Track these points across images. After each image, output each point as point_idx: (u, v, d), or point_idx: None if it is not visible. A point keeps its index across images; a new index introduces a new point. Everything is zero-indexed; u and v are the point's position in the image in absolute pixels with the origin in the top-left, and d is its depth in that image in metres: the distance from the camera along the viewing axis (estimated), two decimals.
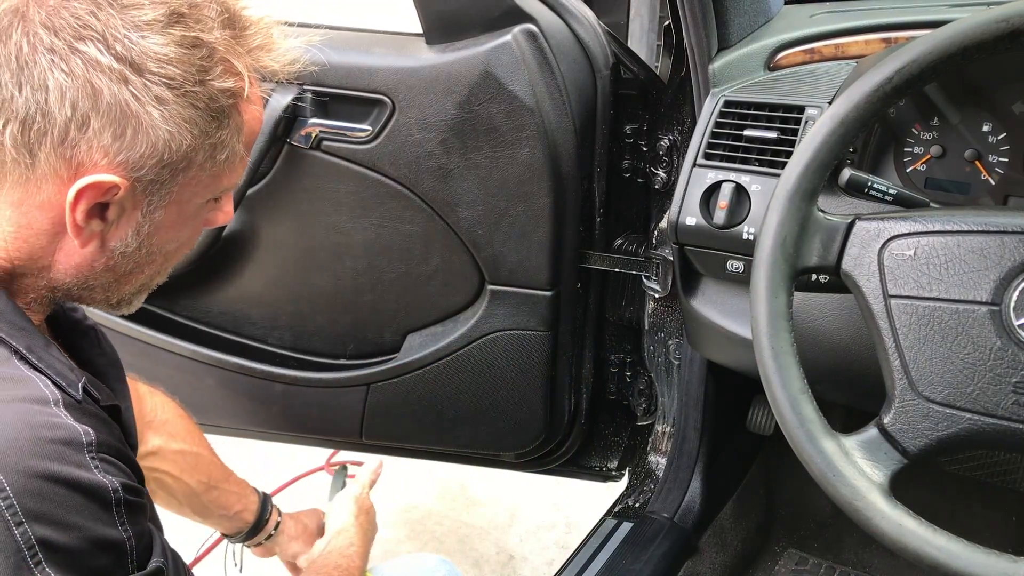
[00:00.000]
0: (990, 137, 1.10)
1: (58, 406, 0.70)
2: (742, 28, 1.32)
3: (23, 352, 0.73)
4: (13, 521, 0.64)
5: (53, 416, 0.69)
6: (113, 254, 0.79)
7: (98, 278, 0.81)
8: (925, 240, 0.85)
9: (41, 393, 0.70)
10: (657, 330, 1.58)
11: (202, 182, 0.80)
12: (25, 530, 0.64)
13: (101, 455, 0.70)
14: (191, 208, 0.81)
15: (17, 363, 0.72)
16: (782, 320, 0.87)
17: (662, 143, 1.45)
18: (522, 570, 2.33)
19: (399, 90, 1.39)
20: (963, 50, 0.81)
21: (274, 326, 1.67)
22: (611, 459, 1.75)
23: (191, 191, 0.80)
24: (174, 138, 0.74)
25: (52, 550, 0.65)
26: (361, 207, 1.49)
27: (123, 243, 0.79)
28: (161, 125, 0.73)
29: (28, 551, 0.64)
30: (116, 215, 0.76)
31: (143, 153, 0.73)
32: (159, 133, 0.73)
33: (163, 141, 0.73)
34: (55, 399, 0.71)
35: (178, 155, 0.75)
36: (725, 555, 1.64)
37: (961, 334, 0.83)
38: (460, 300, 1.54)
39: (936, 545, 0.78)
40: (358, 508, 1.34)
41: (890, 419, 0.85)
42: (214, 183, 0.81)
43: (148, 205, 0.77)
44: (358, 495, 1.37)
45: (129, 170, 0.73)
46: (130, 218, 0.77)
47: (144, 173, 0.74)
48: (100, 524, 0.69)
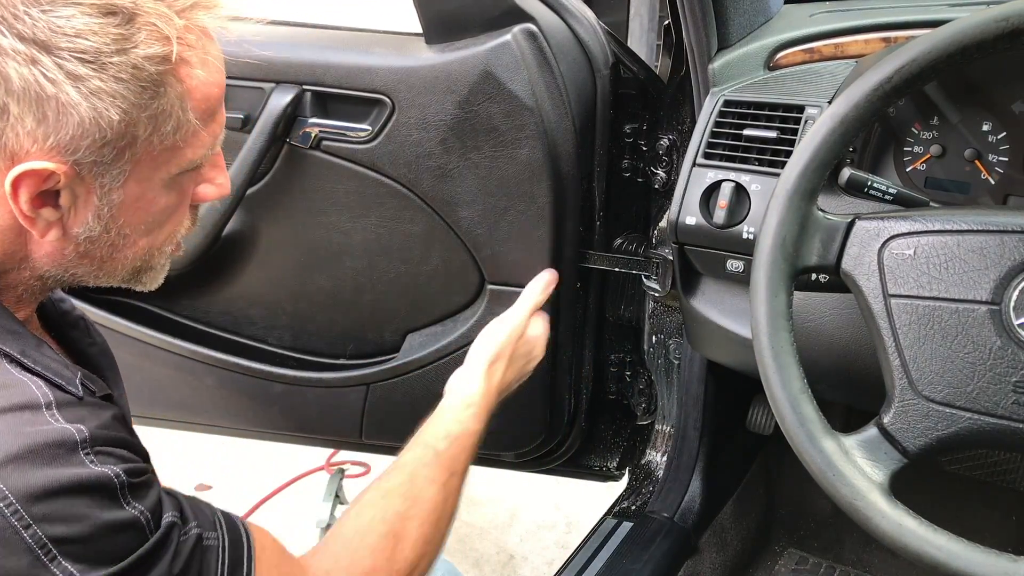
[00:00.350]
0: (990, 136, 1.10)
1: (50, 408, 0.70)
2: (742, 27, 1.32)
3: (15, 356, 0.73)
4: (21, 524, 0.65)
5: (43, 423, 0.69)
6: (79, 240, 0.77)
7: (76, 266, 0.80)
8: (925, 239, 0.85)
9: (33, 397, 0.70)
10: (657, 330, 1.58)
11: (158, 157, 0.77)
12: (35, 531, 0.65)
13: (96, 449, 0.70)
14: (155, 185, 0.78)
15: (9, 367, 0.72)
16: (782, 320, 0.87)
17: (662, 143, 1.45)
18: (522, 570, 2.33)
19: (399, 90, 1.39)
20: (963, 49, 0.81)
21: (274, 326, 1.67)
22: (611, 459, 1.75)
23: (148, 168, 0.77)
24: (101, 115, 0.70)
25: (65, 543, 0.66)
26: (361, 207, 1.49)
27: (86, 228, 0.77)
28: (82, 103, 0.69)
29: (41, 549, 0.65)
30: (69, 201, 0.74)
31: (72, 135, 0.70)
32: (82, 112, 0.70)
33: (89, 120, 0.70)
34: (47, 402, 0.71)
35: (114, 132, 0.72)
36: (725, 555, 1.64)
37: (961, 333, 0.83)
38: (460, 300, 1.54)
39: (936, 544, 0.78)
40: (498, 349, 1.24)
41: (890, 418, 0.85)
42: (174, 157, 0.78)
43: (101, 188, 0.75)
44: (512, 326, 1.26)
45: (64, 154, 0.71)
46: (86, 203, 0.75)
47: (82, 155, 0.72)
48: (109, 511, 0.69)
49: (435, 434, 1.12)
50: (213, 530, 0.79)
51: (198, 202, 0.87)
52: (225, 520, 0.82)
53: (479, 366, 1.22)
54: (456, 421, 1.14)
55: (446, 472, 1.07)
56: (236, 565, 0.80)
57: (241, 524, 0.84)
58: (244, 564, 0.80)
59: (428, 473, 1.06)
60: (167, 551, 0.73)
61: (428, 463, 1.07)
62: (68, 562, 0.66)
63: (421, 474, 1.06)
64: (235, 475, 2.66)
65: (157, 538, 0.72)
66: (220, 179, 0.87)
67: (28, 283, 0.81)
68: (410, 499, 1.03)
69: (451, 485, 1.08)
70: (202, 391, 1.70)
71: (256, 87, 1.45)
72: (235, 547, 0.80)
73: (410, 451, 1.10)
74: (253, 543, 0.83)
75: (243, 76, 1.46)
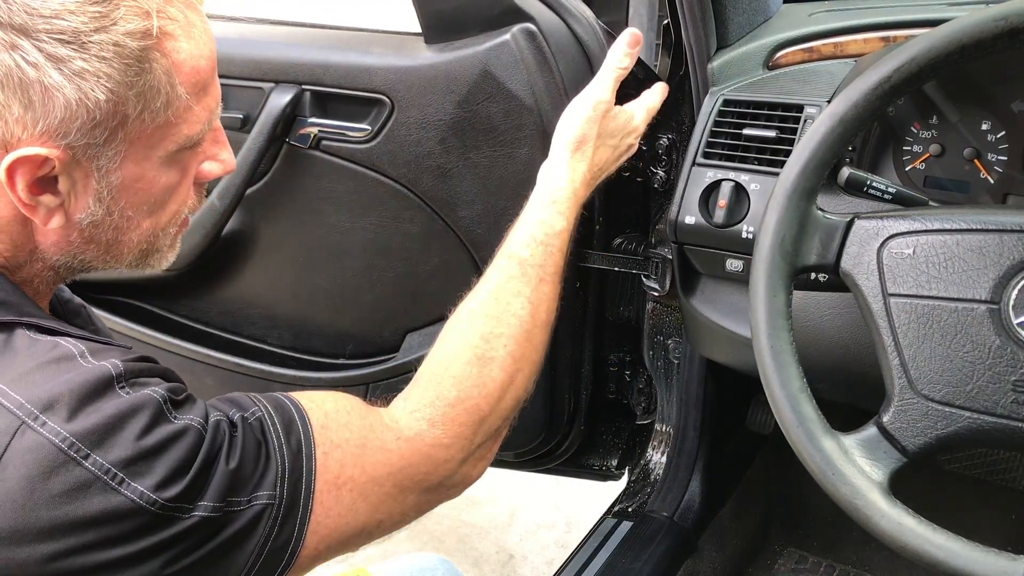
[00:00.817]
0: (989, 135, 1.10)
1: (83, 357, 0.72)
2: (741, 27, 1.32)
3: (38, 324, 0.74)
4: (80, 456, 0.66)
5: (82, 367, 0.71)
6: (83, 225, 0.77)
7: (84, 252, 0.80)
8: (924, 239, 0.85)
9: (65, 350, 0.72)
10: (656, 329, 1.58)
11: (152, 135, 0.76)
12: (95, 459, 0.67)
13: (132, 380, 0.72)
14: (153, 164, 0.78)
15: (35, 335, 0.73)
16: (781, 319, 0.87)
17: (661, 142, 1.44)
18: (522, 569, 2.33)
19: (398, 89, 1.39)
20: (962, 49, 0.81)
21: (273, 326, 1.67)
22: (611, 458, 1.75)
23: (143, 147, 0.76)
24: (87, 96, 0.70)
25: (128, 465, 0.68)
26: (360, 206, 1.49)
27: (89, 213, 0.77)
28: (66, 85, 0.69)
29: (107, 475, 0.67)
30: (68, 186, 0.74)
31: (61, 118, 0.70)
32: (67, 94, 0.69)
33: (76, 101, 0.69)
34: (79, 351, 0.72)
35: (103, 113, 0.71)
36: (725, 554, 1.64)
37: (960, 332, 0.83)
38: (460, 299, 1.54)
39: (936, 543, 0.78)
40: (582, 130, 1.12)
41: (889, 418, 0.85)
42: (169, 133, 0.77)
43: (98, 170, 0.74)
44: (594, 100, 1.13)
45: (55, 138, 0.71)
46: (86, 187, 0.75)
47: (74, 138, 0.71)
48: (160, 427, 0.71)
49: (519, 240, 1.06)
50: (254, 405, 0.80)
51: (203, 180, 0.86)
52: (264, 396, 0.82)
53: (562, 153, 1.12)
54: (540, 223, 1.07)
55: (534, 280, 1.03)
56: (289, 425, 0.80)
57: (280, 394, 0.84)
58: (298, 422, 0.80)
59: (513, 286, 1.02)
60: (221, 449, 0.74)
61: (513, 275, 1.03)
62: (136, 481, 0.68)
63: (506, 288, 1.02)
64: None
65: (209, 439, 0.73)
66: (223, 155, 0.86)
67: (42, 275, 0.81)
68: (494, 318, 0.99)
69: (541, 292, 1.03)
70: (202, 391, 1.67)
71: (255, 87, 1.46)
72: (281, 410, 0.80)
73: (495, 263, 1.06)
74: (301, 403, 0.82)
75: (242, 76, 1.46)
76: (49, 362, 0.70)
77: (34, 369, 0.69)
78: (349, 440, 0.84)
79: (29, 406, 0.67)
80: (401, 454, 0.88)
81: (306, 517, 0.78)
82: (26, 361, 0.70)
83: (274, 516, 0.76)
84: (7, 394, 0.67)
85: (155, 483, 0.68)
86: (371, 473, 0.84)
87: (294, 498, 0.77)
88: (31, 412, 0.66)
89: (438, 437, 0.91)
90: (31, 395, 0.67)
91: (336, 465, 0.81)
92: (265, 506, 0.75)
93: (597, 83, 1.16)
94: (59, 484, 0.66)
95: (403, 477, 0.88)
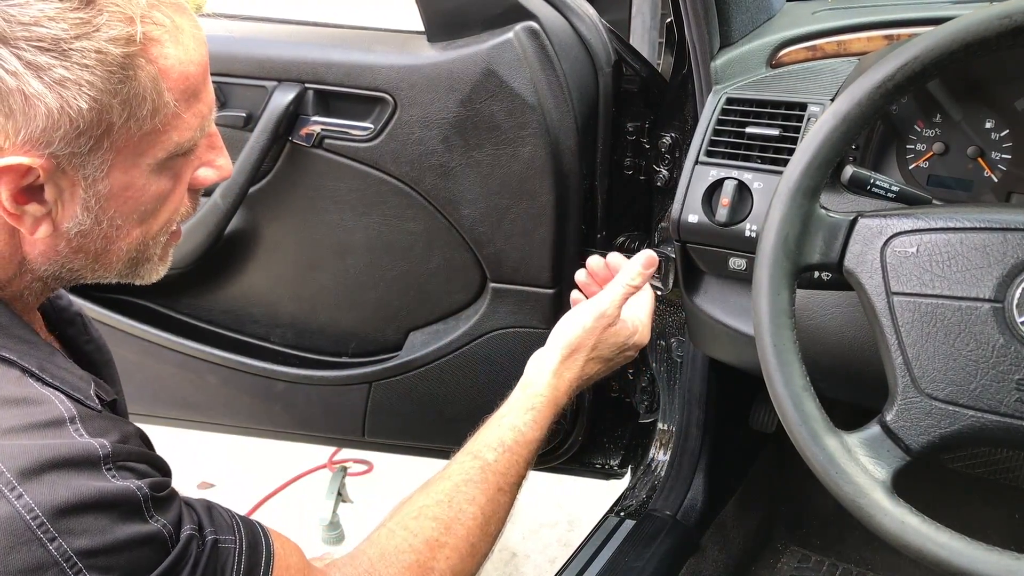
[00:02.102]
0: (993, 134, 1.10)
1: (74, 423, 0.70)
2: (744, 25, 1.32)
3: (34, 371, 0.73)
4: (47, 538, 0.65)
5: (69, 439, 0.69)
6: (71, 235, 0.76)
7: (72, 261, 0.79)
8: (928, 237, 0.85)
9: (58, 413, 0.70)
10: (659, 328, 1.58)
11: (140, 143, 0.74)
12: (60, 544, 0.65)
13: (119, 464, 0.71)
14: (142, 172, 0.76)
15: (31, 382, 0.72)
16: (784, 317, 0.87)
17: (664, 141, 1.44)
18: (524, 568, 2.33)
19: (401, 88, 1.39)
20: (965, 47, 0.81)
21: (276, 324, 1.67)
22: (613, 457, 1.75)
23: (131, 155, 0.74)
24: (70, 104, 0.68)
25: (90, 556, 0.66)
26: (363, 205, 1.49)
27: (76, 222, 0.75)
28: (47, 93, 0.67)
29: (67, 562, 0.65)
30: (54, 195, 0.73)
31: (43, 127, 0.68)
32: (49, 102, 0.67)
33: (58, 110, 0.68)
34: (71, 416, 0.71)
35: (86, 121, 0.69)
36: (727, 553, 1.64)
37: (964, 331, 0.83)
38: (462, 298, 1.54)
39: (939, 542, 0.78)
40: (577, 339, 1.09)
41: (893, 416, 0.85)
42: (157, 141, 0.75)
43: (85, 179, 0.73)
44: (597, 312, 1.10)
45: (38, 147, 0.69)
46: (72, 196, 0.74)
47: (57, 147, 0.70)
48: (133, 525, 0.69)
49: (487, 443, 1.04)
50: (230, 534, 0.79)
51: (198, 187, 0.84)
52: (244, 524, 0.81)
53: (553, 357, 1.10)
54: (512, 428, 1.05)
55: (492, 488, 1.00)
56: (253, 568, 0.79)
57: (261, 530, 0.82)
58: (261, 567, 0.79)
59: (470, 492, 0.98)
60: (187, 564, 0.72)
61: (472, 479, 0.99)
62: (93, 575, 0.66)
63: (462, 493, 0.98)
64: (237, 473, 2.66)
65: (177, 552, 0.72)
66: (219, 161, 0.84)
67: (31, 286, 0.80)
68: (445, 524, 0.96)
69: (498, 501, 1.00)
70: (205, 389, 1.70)
71: (258, 85, 1.45)
72: (253, 551, 0.79)
73: (458, 460, 1.03)
74: (273, 549, 0.81)
75: (245, 75, 1.46)
76: (39, 424, 0.69)
77: (21, 430, 0.68)
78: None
79: (8, 474, 0.65)
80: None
81: None
82: (16, 416, 0.69)
83: None
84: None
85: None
86: None
87: None
88: (8, 481, 0.65)
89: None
90: (12, 460, 0.66)
91: None
92: None
93: (604, 296, 1.13)
94: (18, 560, 0.64)
95: None
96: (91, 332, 0.96)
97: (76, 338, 0.92)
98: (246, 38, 1.52)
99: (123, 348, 1.63)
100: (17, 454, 0.66)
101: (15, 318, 0.77)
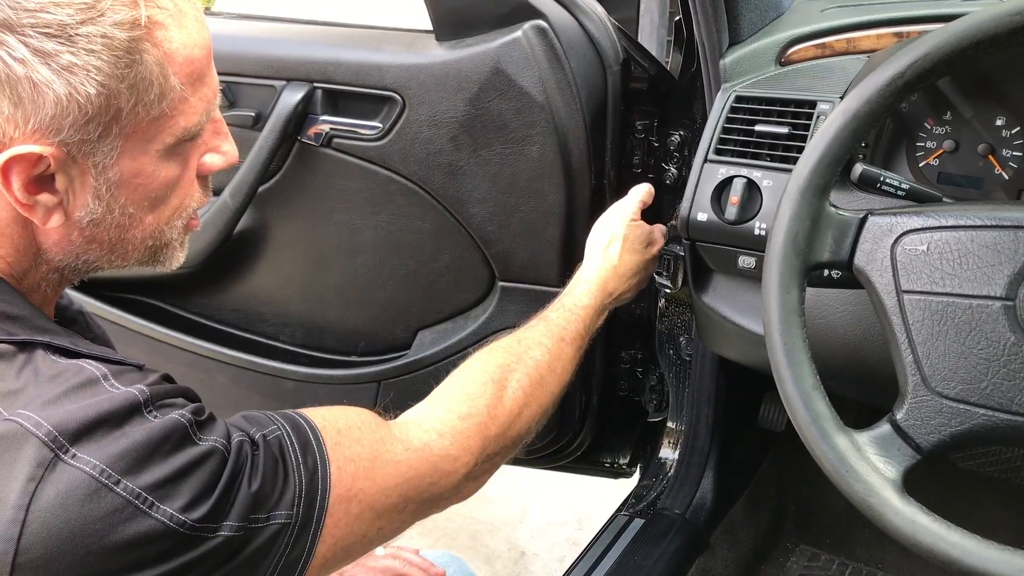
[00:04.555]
0: (1004, 131, 1.10)
1: (107, 379, 0.72)
2: (753, 23, 1.31)
3: (58, 346, 0.74)
4: (111, 483, 0.66)
5: (107, 394, 0.71)
6: (83, 224, 0.76)
7: (87, 252, 0.79)
8: (938, 235, 0.85)
9: (90, 375, 0.72)
10: (668, 327, 1.58)
11: (148, 128, 0.74)
12: (126, 484, 0.67)
13: (158, 404, 0.72)
14: (151, 158, 0.76)
15: (54, 357, 0.73)
16: (794, 316, 0.87)
17: (673, 139, 1.44)
18: (533, 566, 2.33)
19: (409, 87, 1.39)
20: (976, 44, 0.81)
21: (285, 323, 1.67)
22: (622, 455, 1.75)
23: (140, 140, 0.75)
24: (78, 91, 0.68)
25: (157, 488, 0.68)
26: (372, 204, 1.49)
27: (88, 211, 0.75)
28: (55, 80, 0.67)
29: (137, 499, 0.67)
30: (65, 184, 0.73)
31: (52, 114, 0.68)
32: (57, 89, 0.67)
33: (66, 96, 0.68)
34: (103, 374, 0.72)
35: (95, 107, 0.69)
36: (737, 552, 1.64)
37: (975, 329, 0.83)
38: (471, 297, 1.54)
39: (950, 541, 0.78)
40: (611, 231, 1.27)
41: (903, 415, 0.84)
42: (165, 126, 0.75)
43: (95, 167, 0.73)
44: (622, 210, 1.30)
45: (48, 135, 0.69)
46: (83, 184, 0.74)
47: (67, 135, 0.70)
48: (186, 450, 0.71)
49: (550, 307, 1.18)
50: (272, 424, 0.81)
51: (205, 172, 0.84)
52: (279, 415, 0.84)
53: (594, 249, 1.26)
54: (568, 295, 1.20)
55: (554, 337, 1.11)
56: (305, 444, 0.81)
57: (294, 412, 0.85)
58: (313, 441, 0.81)
59: (535, 336, 1.10)
60: (243, 469, 0.74)
61: (536, 327, 1.12)
62: (166, 504, 0.68)
63: (528, 336, 1.10)
64: None
65: (233, 459, 0.73)
66: (225, 146, 0.84)
67: (48, 278, 0.81)
68: (515, 355, 1.06)
69: (558, 350, 1.11)
70: (214, 388, 1.71)
71: (267, 85, 1.46)
72: (297, 430, 0.82)
73: (526, 323, 1.15)
74: (314, 422, 0.84)
75: (254, 74, 1.46)
76: (76, 387, 0.70)
77: (62, 395, 0.69)
78: (361, 455, 0.85)
79: (61, 438, 0.67)
80: (410, 465, 0.89)
81: (318, 532, 0.79)
82: (53, 387, 0.70)
83: (290, 533, 0.77)
84: (39, 424, 0.67)
85: (182, 505, 0.69)
86: (380, 485, 0.86)
87: (309, 516, 0.78)
88: (62, 444, 0.67)
89: (446, 448, 0.93)
90: (62, 424, 0.67)
91: (348, 479, 0.82)
92: (283, 525, 0.76)
93: (623, 201, 1.31)
94: (92, 511, 0.66)
95: (409, 488, 0.89)
96: (94, 329, 0.96)
97: (81, 336, 0.93)
98: (255, 38, 1.52)
99: (132, 348, 1.64)
100: (64, 419, 0.67)
101: (35, 310, 0.77)
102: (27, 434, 0.66)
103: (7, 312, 0.74)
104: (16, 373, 0.70)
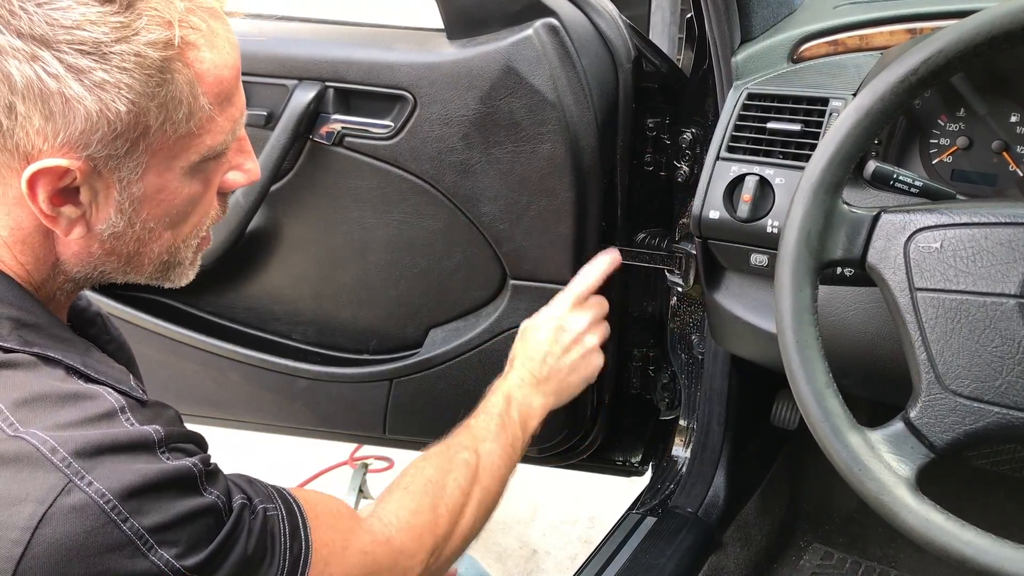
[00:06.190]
0: (1018, 128, 1.09)
1: (124, 412, 0.73)
2: (765, 20, 1.31)
3: (78, 368, 0.75)
4: (119, 519, 0.68)
5: (123, 428, 0.72)
6: (104, 237, 0.77)
7: (104, 263, 0.80)
8: (952, 233, 0.85)
9: (108, 406, 0.73)
10: (680, 325, 1.58)
11: (174, 146, 0.75)
12: (132, 523, 0.68)
13: (171, 446, 0.74)
14: (175, 175, 0.77)
15: (76, 379, 0.74)
16: (807, 314, 0.87)
17: (685, 136, 1.44)
18: (545, 564, 2.33)
19: (420, 86, 1.39)
20: (990, 40, 0.80)
21: (298, 322, 1.68)
22: (634, 454, 1.75)
23: (165, 158, 0.76)
24: (108, 107, 0.69)
25: (159, 531, 0.69)
26: (383, 203, 1.49)
27: (110, 224, 0.76)
28: (87, 96, 0.68)
29: (139, 539, 0.68)
30: (89, 197, 0.74)
31: (82, 129, 0.69)
32: (88, 105, 0.68)
33: (97, 113, 0.69)
34: (120, 407, 0.73)
35: (124, 124, 0.70)
36: (749, 550, 1.64)
37: (989, 327, 0.82)
38: (482, 295, 1.54)
39: (964, 540, 0.77)
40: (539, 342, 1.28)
41: (916, 413, 0.84)
42: (191, 144, 0.76)
43: (120, 182, 0.74)
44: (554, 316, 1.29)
45: (76, 149, 0.70)
46: (107, 198, 0.75)
47: (95, 150, 0.71)
48: (192, 499, 0.73)
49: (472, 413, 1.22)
50: (271, 501, 0.83)
51: (227, 190, 0.86)
52: (277, 492, 0.86)
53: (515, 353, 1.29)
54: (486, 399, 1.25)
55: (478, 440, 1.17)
56: (295, 530, 0.83)
57: (288, 493, 0.87)
58: (301, 528, 0.84)
59: (463, 441, 1.15)
60: (242, 531, 0.76)
61: (462, 435, 1.17)
62: (164, 549, 0.69)
63: (456, 442, 1.15)
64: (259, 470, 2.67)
65: (233, 520, 0.75)
66: (248, 164, 0.86)
67: (63, 287, 0.82)
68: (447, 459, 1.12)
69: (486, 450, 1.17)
70: (227, 386, 1.71)
71: (279, 84, 1.46)
72: (291, 514, 0.84)
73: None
74: (304, 507, 0.86)
75: (266, 73, 1.47)
76: (93, 417, 0.71)
77: (79, 423, 0.70)
78: (335, 540, 0.89)
79: (76, 464, 0.68)
80: (375, 557, 0.94)
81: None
82: (70, 412, 0.71)
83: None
84: (55, 450, 0.68)
85: (179, 552, 0.70)
86: (348, 572, 0.90)
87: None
88: (77, 470, 0.67)
89: (405, 543, 0.98)
90: (78, 451, 0.68)
91: (322, 563, 0.86)
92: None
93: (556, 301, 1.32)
94: (96, 543, 0.67)
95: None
96: (111, 332, 0.97)
97: (97, 338, 0.93)
98: (266, 37, 1.53)
99: (146, 346, 1.64)
100: (80, 444, 0.68)
101: (52, 318, 0.78)
102: (41, 458, 0.67)
103: (24, 320, 0.75)
104: (32, 386, 0.71)
